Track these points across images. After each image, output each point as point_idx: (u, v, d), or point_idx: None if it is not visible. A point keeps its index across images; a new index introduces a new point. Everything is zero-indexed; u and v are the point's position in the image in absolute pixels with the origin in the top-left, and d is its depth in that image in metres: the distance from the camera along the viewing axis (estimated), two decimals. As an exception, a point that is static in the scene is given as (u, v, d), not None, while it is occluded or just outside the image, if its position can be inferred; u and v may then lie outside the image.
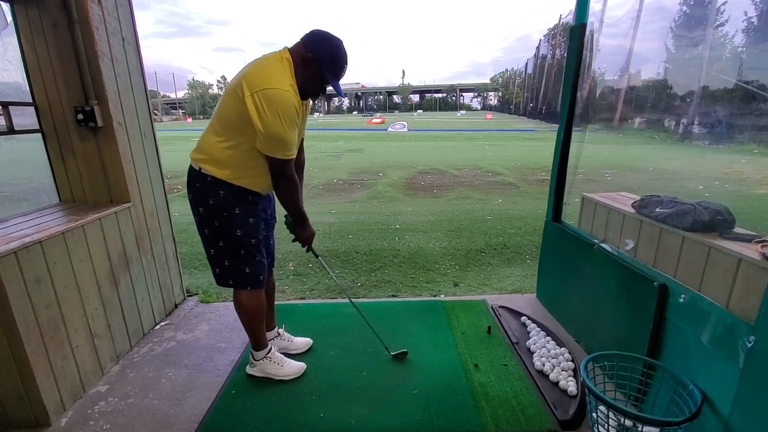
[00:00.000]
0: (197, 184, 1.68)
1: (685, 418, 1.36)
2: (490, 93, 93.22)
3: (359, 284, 3.24)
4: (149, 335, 2.45)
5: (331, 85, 1.65)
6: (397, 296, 3.01)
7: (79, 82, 2.07)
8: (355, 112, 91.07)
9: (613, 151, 11.63)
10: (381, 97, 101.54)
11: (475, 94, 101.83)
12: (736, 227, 1.60)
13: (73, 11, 1.97)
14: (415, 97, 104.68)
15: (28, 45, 2.05)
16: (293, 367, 2.00)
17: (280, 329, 2.22)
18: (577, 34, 2.29)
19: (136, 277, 2.35)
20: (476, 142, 17.78)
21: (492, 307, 2.67)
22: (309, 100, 1.76)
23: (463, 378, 1.97)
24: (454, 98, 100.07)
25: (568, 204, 2.60)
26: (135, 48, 2.36)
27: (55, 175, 2.26)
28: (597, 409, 1.60)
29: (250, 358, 1.99)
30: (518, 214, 5.43)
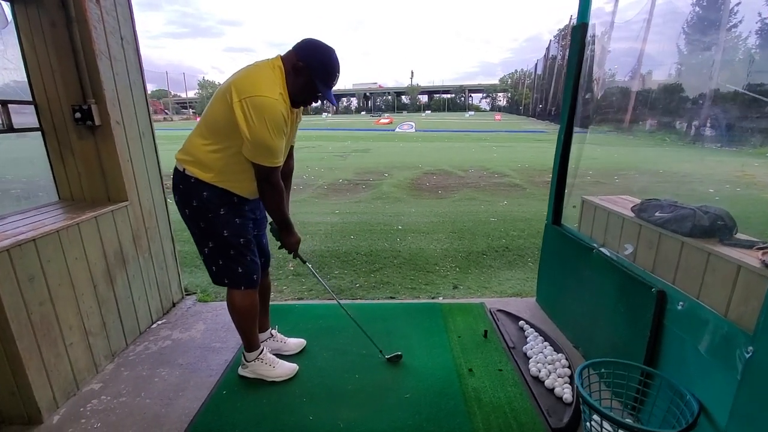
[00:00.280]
0: (181, 185, 1.68)
1: (681, 429, 1.32)
2: (499, 94, 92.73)
3: (358, 285, 3.22)
4: (145, 333, 2.46)
5: (322, 94, 1.64)
6: (395, 298, 2.98)
7: (77, 81, 2.08)
8: (363, 113, 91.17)
9: (623, 153, 11.49)
10: (389, 97, 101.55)
11: (484, 95, 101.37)
12: (739, 233, 1.55)
13: (71, 10, 1.98)
14: (424, 98, 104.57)
15: (28, 43, 2.06)
16: (285, 368, 1.99)
17: (273, 330, 2.21)
18: (579, 34, 2.25)
19: (133, 275, 2.36)
20: (484, 143, 17.66)
21: (490, 310, 2.63)
22: (300, 108, 1.75)
23: (457, 383, 1.94)
24: (463, 99, 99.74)
25: (575, 206, 2.55)
26: (134, 47, 2.37)
27: (54, 173, 2.28)
28: (591, 418, 1.56)
29: (242, 359, 1.98)
30: (523, 216, 5.37)
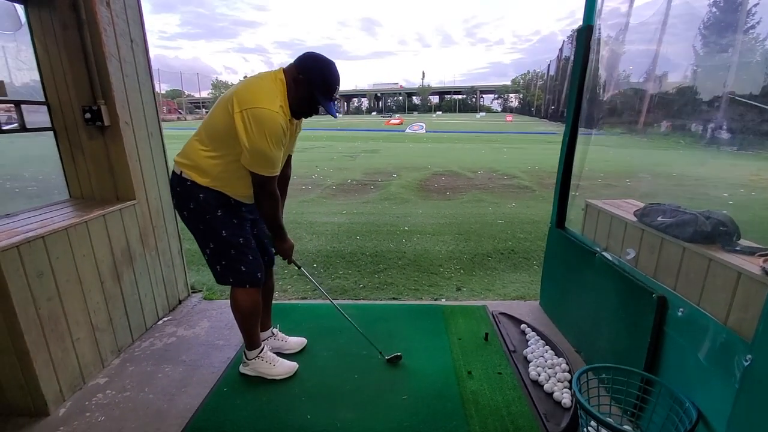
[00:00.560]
0: (178, 188, 1.72)
1: (677, 437, 1.31)
2: (510, 95, 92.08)
3: (361, 286, 3.24)
4: (151, 330, 2.50)
5: (322, 106, 1.67)
6: (398, 299, 2.99)
7: (88, 82, 2.14)
8: (374, 113, 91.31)
9: (637, 155, 11.30)
10: (401, 98, 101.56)
11: (496, 95, 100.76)
12: (748, 238, 1.53)
13: (82, 13, 2.03)
14: (435, 99, 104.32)
15: (41, 45, 2.12)
16: (285, 366, 2.01)
17: (274, 329, 2.23)
18: (584, 36, 2.23)
19: (140, 272, 2.40)
20: (494, 145, 17.56)
21: (492, 313, 2.62)
22: (301, 119, 1.79)
23: (455, 385, 1.94)
24: (474, 100, 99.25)
25: (583, 209, 2.52)
26: (143, 49, 2.42)
27: (65, 172, 2.34)
28: (588, 423, 1.55)
29: (243, 357, 2.01)
30: (530, 219, 5.33)
